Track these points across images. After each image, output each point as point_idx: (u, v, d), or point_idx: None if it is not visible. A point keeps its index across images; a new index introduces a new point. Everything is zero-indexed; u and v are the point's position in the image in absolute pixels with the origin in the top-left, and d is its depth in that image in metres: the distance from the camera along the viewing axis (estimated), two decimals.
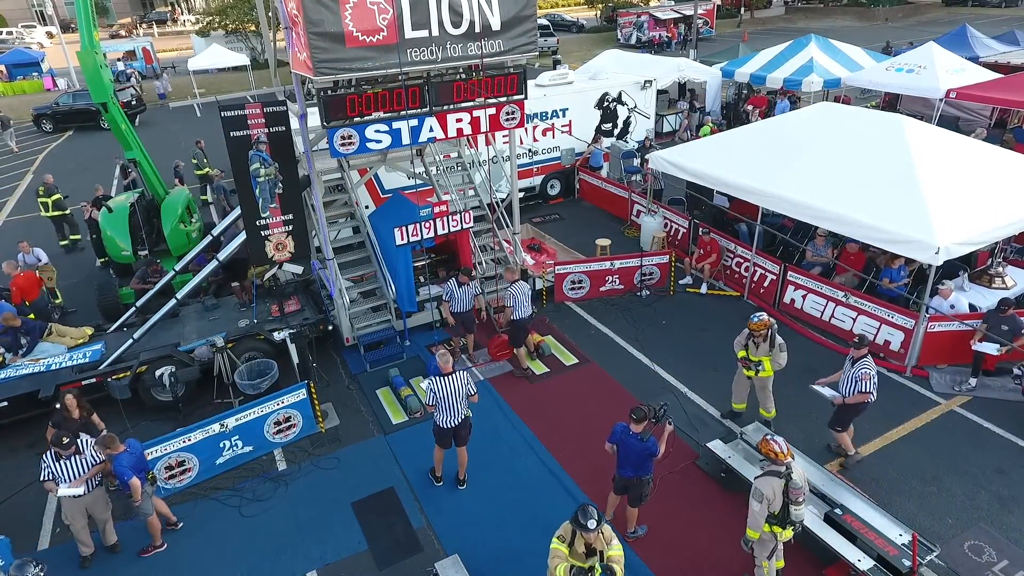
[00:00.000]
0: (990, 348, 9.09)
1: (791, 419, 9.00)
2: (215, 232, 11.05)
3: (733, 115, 23.06)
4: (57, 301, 12.84)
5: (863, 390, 7.54)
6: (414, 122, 9.26)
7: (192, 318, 11.02)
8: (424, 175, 12.39)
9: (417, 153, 12.22)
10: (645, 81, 17.77)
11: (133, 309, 10.90)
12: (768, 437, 6.06)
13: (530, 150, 16.61)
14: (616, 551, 5.44)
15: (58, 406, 8.13)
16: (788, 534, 6.08)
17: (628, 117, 17.95)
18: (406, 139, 9.34)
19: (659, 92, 21.77)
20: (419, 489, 8.19)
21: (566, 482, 8.16)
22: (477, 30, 8.92)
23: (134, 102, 30.86)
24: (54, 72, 40.28)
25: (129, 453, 7.11)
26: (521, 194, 15.97)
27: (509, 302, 9.93)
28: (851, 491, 7.29)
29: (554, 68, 35.82)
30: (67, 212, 15.91)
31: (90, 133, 28.84)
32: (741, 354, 8.52)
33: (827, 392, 8.05)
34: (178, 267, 11.07)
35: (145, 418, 9.73)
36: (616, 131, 17.97)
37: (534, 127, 16.43)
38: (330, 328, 10.87)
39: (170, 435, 8.11)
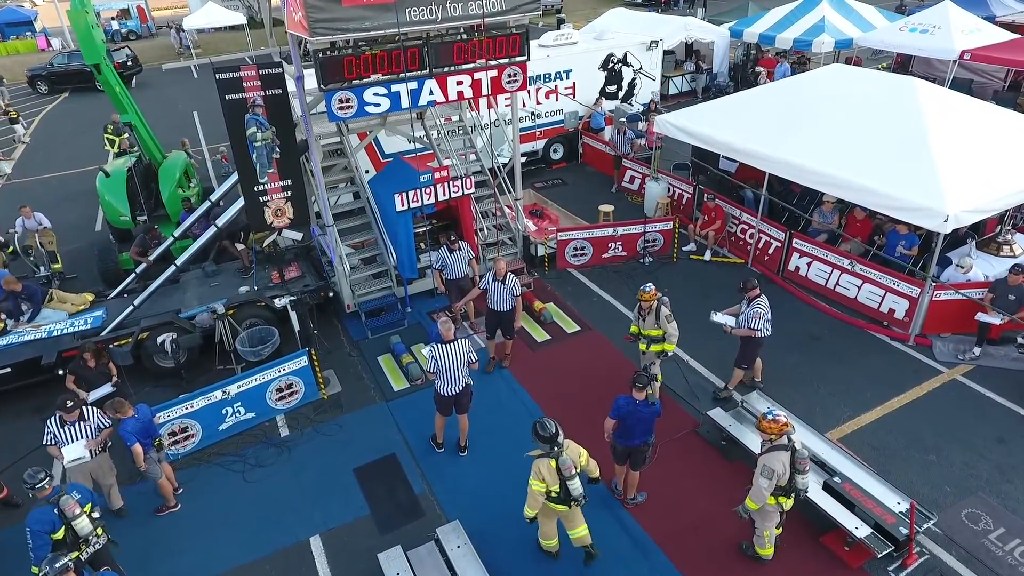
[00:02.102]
0: (993, 319, 9.01)
1: (793, 387, 9.00)
2: (213, 198, 10.92)
3: (741, 77, 22.56)
4: (56, 266, 12.80)
5: (752, 327, 8.20)
6: (413, 85, 9.04)
7: (193, 284, 10.97)
8: (425, 139, 12.19)
9: (417, 117, 12.01)
10: (651, 42, 17.31)
11: (133, 276, 10.86)
12: (768, 416, 6.01)
13: (533, 113, 16.30)
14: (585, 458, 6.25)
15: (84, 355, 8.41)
16: (791, 502, 6.12)
17: (633, 79, 17.55)
18: (405, 102, 9.13)
19: (665, 53, 21.30)
20: (420, 455, 8.24)
21: None
22: None
23: (129, 63, 30.37)
24: (48, 31, 39.52)
25: (136, 419, 7.14)
26: (523, 159, 15.78)
27: (483, 285, 9.35)
28: (850, 459, 7.32)
29: (558, 27, 35.11)
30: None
31: (86, 95, 28.41)
32: (633, 330, 8.53)
33: (719, 318, 8.57)
34: (176, 233, 10.99)
35: (148, 384, 9.76)
36: (621, 93, 17.58)
37: (537, 89, 16.08)
38: (331, 295, 10.82)
39: (172, 402, 8.14)
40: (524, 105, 16.05)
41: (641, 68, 17.47)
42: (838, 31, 20.08)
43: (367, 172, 13.80)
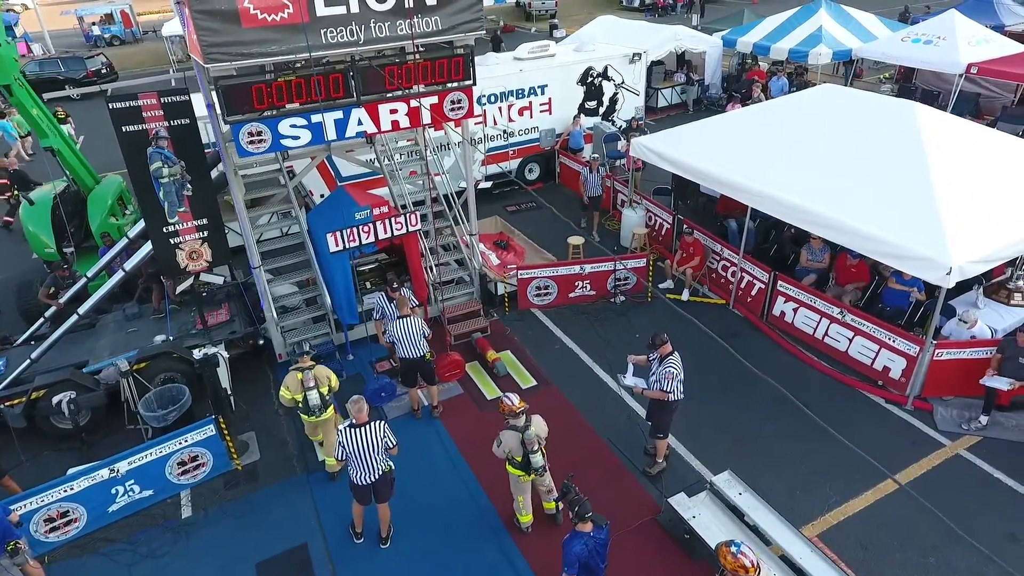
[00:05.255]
0: (1001, 383, 7.82)
1: (771, 463, 7.83)
2: (131, 235, 9.82)
3: (736, 89, 21.36)
4: None
5: (663, 388, 7.14)
6: (338, 114, 7.93)
7: (110, 329, 9.91)
8: (375, 163, 11.09)
9: (368, 141, 10.91)
10: (634, 54, 16.13)
11: (42, 320, 9.78)
12: (733, 549, 4.85)
13: (505, 131, 15.17)
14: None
15: None
16: None
17: (615, 94, 16.38)
18: (330, 134, 8.03)
19: (654, 63, 20.18)
20: (336, 547, 7.11)
21: (504, 543, 7.05)
22: (408, 5, 7.50)
23: (104, 70, 29.38)
24: (29, 37, 38.48)
25: None
26: (488, 183, 14.66)
27: (389, 338, 8.37)
28: (834, 568, 6.14)
29: (550, 33, 33.98)
30: None
31: (59, 104, 27.35)
32: None
33: (629, 380, 7.51)
34: (90, 272, 9.90)
35: (47, 447, 8.70)
36: (602, 109, 16.42)
37: (509, 106, 14.97)
38: (261, 343, 9.73)
39: (47, 485, 7.03)
40: (495, 123, 14.97)
41: (623, 82, 16.30)
42: (836, 41, 18.92)
43: (321, 196, 12.75)
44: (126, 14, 40.42)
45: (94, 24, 39.05)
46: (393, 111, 8.19)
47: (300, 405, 7.62)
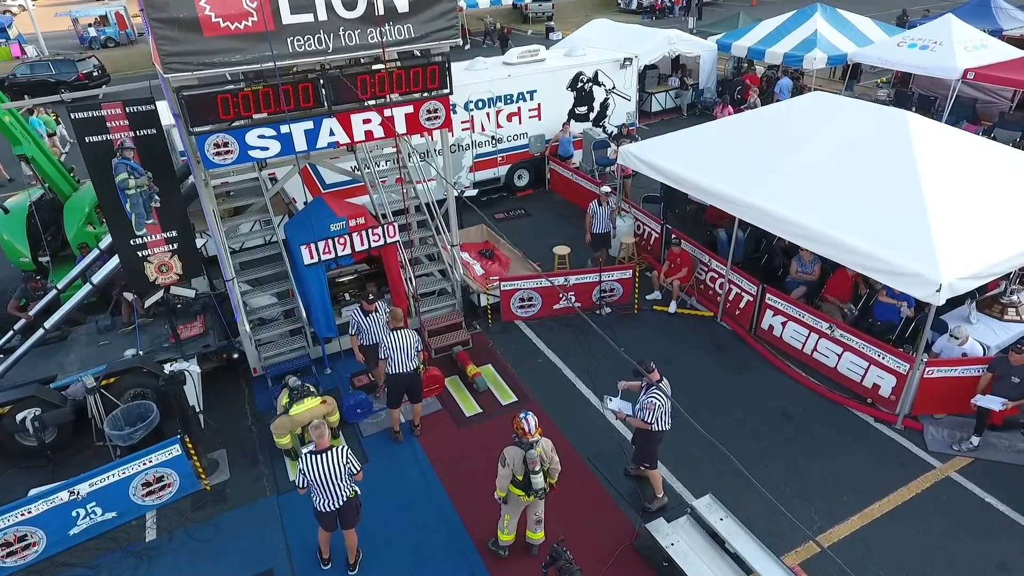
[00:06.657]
0: (994, 403, 7.56)
1: (756, 489, 7.45)
2: (102, 246, 9.59)
3: (730, 93, 21.09)
4: None
5: (644, 419, 6.92)
6: (309, 124, 7.69)
7: (81, 342, 9.65)
8: (356, 171, 10.85)
9: (349, 148, 10.67)
10: (624, 59, 15.88)
11: (11, 333, 9.54)
12: None
13: (494, 137, 14.94)
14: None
15: None
16: None
17: (605, 99, 16.14)
18: (300, 145, 7.79)
19: (648, 67, 19.96)
20: (302, 573, 6.87)
21: (476, 568, 6.82)
22: (379, 12, 7.26)
23: (95, 72, 29.15)
24: (23, 39, 38.33)
25: None
26: (474, 191, 14.47)
27: (383, 354, 7.96)
28: None
29: (547, 36, 33.73)
30: None
31: (49, 107, 27.14)
32: None
33: (614, 404, 7.30)
34: (61, 284, 9.66)
35: (12, 465, 8.46)
36: (592, 115, 16.18)
37: (498, 112, 14.74)
38: (235, 356, 9.49)
39: (3, 509, 6.79)
40: (483, 128, 14.74)
41: (614, 88, 16.06)
42: (831, 46, 18.67)
43: (305, 204, 12.51)
44: (121, 16, 40.21)
45: (89, 26, 38.88)
46: (367, 121, 7.96)
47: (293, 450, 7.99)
